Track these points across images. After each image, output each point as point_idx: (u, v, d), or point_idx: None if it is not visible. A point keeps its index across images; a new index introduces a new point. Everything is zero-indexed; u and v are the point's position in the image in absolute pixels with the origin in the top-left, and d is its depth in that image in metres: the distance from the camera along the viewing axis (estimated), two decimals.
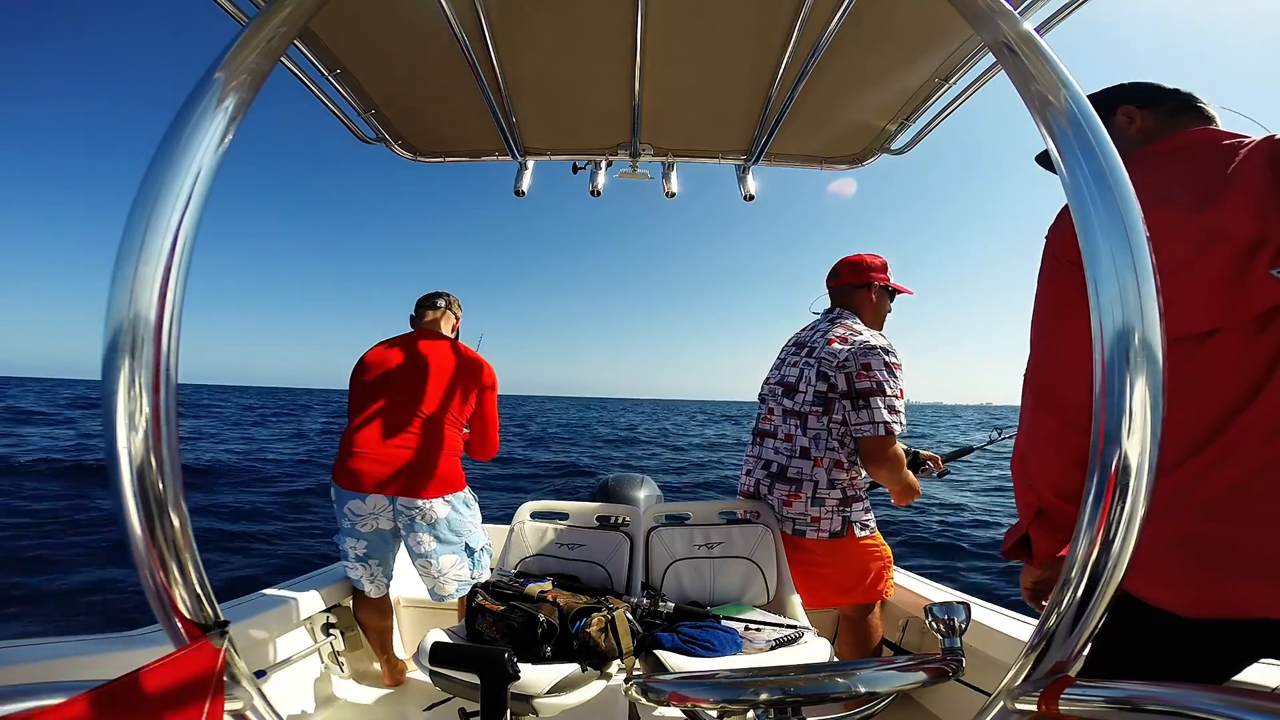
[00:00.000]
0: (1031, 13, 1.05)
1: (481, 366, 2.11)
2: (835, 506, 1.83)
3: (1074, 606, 0.44)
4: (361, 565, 1.96)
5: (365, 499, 1.89)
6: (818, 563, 1.87)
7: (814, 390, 1.85)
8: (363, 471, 1.88)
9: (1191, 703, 0.37)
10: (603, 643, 1.44)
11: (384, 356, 2.04)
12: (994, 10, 0.51)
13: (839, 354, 1.83)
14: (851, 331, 1.88)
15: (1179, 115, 0.95)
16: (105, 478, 0.42)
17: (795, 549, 1.89)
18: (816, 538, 1.83)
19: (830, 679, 0.53)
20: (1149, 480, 0.41)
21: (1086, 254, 0.43)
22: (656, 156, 1.77)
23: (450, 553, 1.95)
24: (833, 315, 2.00)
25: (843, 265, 2.04)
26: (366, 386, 2.00)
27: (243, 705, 0.48)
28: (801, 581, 1.93)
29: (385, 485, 1.88)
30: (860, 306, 2.00)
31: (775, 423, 1.97)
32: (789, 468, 1.88)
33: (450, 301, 2.24)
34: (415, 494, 1.89)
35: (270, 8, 0.51)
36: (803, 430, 1.87)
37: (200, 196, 0.44)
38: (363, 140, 1.64)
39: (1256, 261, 0.73)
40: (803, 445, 1.87)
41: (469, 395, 2.06)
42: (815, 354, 1.89)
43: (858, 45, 1.27)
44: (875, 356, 1.80)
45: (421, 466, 1.92)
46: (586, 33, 1.26)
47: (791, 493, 1.86)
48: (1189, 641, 0.80)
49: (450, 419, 2.01)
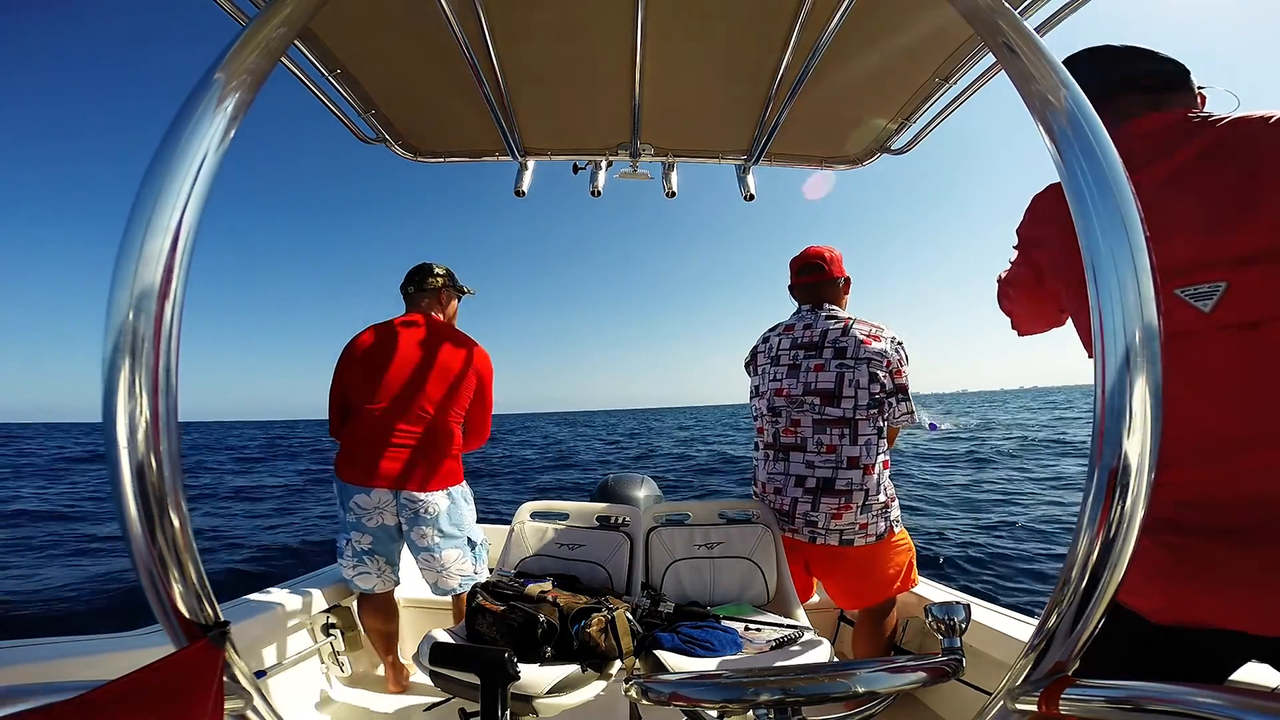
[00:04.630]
0: (1031, 13, 1.05)
1: (479, 354, 2.08)
2: (880, 510, 1.81)
3: (1074, 606, 0.43)
4: (368, 560, 1.91)
5: (370, 493, 1.87)
6: (862, 568, 1.84)
7: (868, 394, 1.80)
8: (367, 465, 1.86)
9: (1192, 703, 0.37)
10: (603, 643, 1.44)
11: (382, 344, 1.98)
12: (994, 10, 0.51)
13: (885, 353, 1.81)
14: (873, 326, 1.87)
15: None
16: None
17: (838, 559, 1.83)
18: (864, 544, 1.79)
19: (830, 679, 0.54)
20: (1149, 480, 0.41)
21: (1086, 254, 0.43)
22: (657, 156, 1.77)
23: (454, 546, 1.93)
24: (827, 310, 1.95)
25: (824, 259, 1.98)
26: (365, 375, 1.95)
27: (243, 705, 0.48)
28: (843, 587, 1.92)
29: (389, 478, 1.86)
30: (838, 298, 1.99)
31: (805, 434, 1.86)
32: (835, 480, 1.80)
33: (445, 278, 2.13)
34: (419, 487, 1.88)
35: (270, 8, 0.51)
36: (851, 438, 1.80)
37: (200, 197, 0.44)
38: (363, 140, 1.64)
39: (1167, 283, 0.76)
40: (850, 455, 1.79)
41: (469, 386, 2.03)
42: (852, 354, 1.82)
43: (858, 45, 1.27)
44: (904, 350, 1.86)
45: (425, 459, 1.90)
46: (587, 32, 1.26)
47: (841, 505, 1.79)
48: (1160, 646, 0.82)
49: (452, 411, 1.99)
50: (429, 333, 2.02)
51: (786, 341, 1.97)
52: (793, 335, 1.97)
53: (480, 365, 2.07)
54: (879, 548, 1.81)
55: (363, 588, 1.95)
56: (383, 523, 1.90)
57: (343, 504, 1.91)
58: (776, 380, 1.94)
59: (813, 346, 1.90)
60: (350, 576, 1.94)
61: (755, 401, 2.04)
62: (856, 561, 1.83)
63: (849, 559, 1.82)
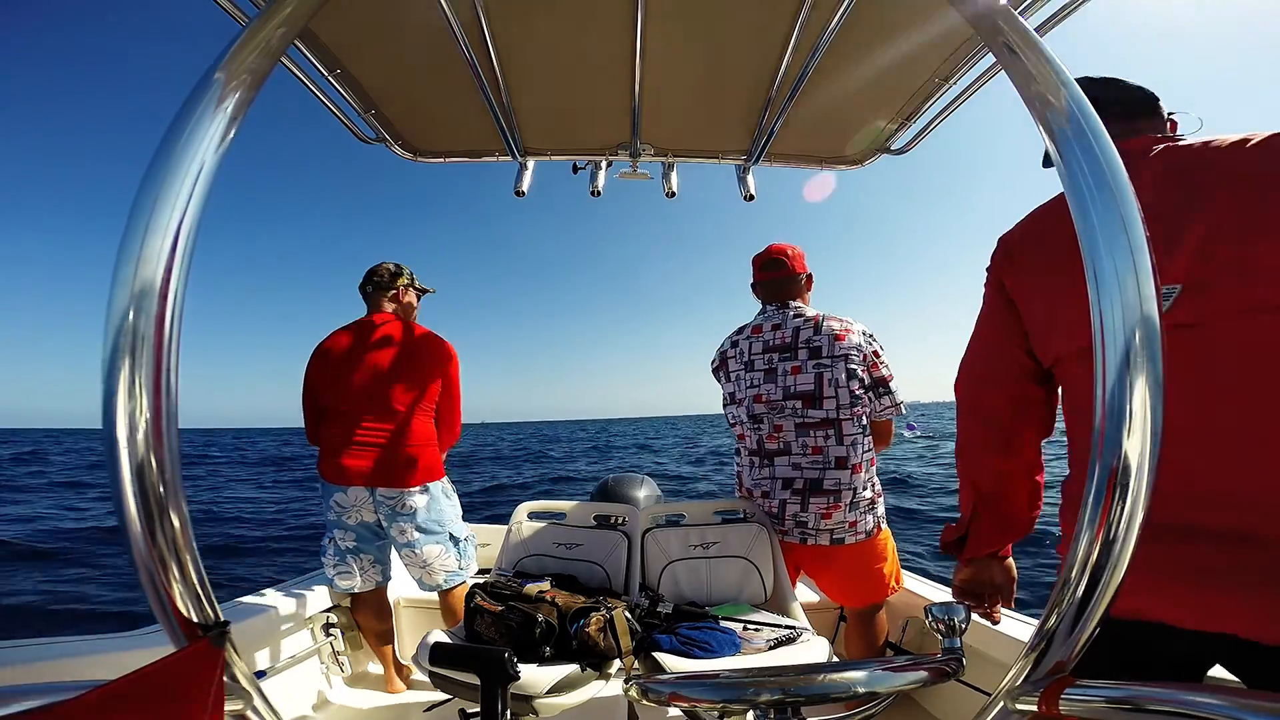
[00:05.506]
0: (1032, 13, 1.05)
1: (444, 348, 2.09)
2: (868, 507, 1.81)
3: (1074, 606, 0.43)
4: (351, 559, 1.94)
5: (347, 491, 1.91)
6: (855, 566, 1.84)
7: (848, 392, 1.78)
8: (342, 464, 1.90)
9: (1192, 703, 0.37)
10: (601, 642, 1.44)
11: (347, 345, 2.01)
12: (994, 10, 0.51)
13: (859, 346, 1.80)
14: (843, 321, 1.84)
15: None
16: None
17: (830, 558, 1.83)
18: (854, 542, 1.80)
19: (830, 679, 0.53)
20: (1149, 480, 0.41)
21: (1087, 254, 0.43)
22: (656, 156, 1.77)
23: (434, 542, 1.95)
24: (794, 309, 1.91)
25: (787, 255, 1.94)
26: (332, 378, 1.98)
27: (243, 706, 0.48)
28: (836, 586, 1.92)
29: (364, 476, 1.90)
30: (801, 294, 1.97)
31: (788, 438, 1.84)
32: (823, 480, 1.79)
33: (397, 276, 2.13)
34: (393, 484, 1.90)
35: (270, 8, 0.51)
36: (837, 438, 1.79)
37: (200, 197, 0.44)
38: (363, 140, 1.64)
39: None
40: (838, 455, 1.79)
41: (436, 380, 2.05)
42: (828, 353, 1.80)
43: (858, 45, 1.27)
44: (877, 342, 1.84)
45: (397, 456, 1.92)
46: (587, 32, 1.26)
47: (830, 504, 1.79)
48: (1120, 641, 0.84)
49: (421, 407, 2.00)
50: (391, 330, 2.04)
51: (758, 344, 1.92)
52: (763, 337, 1.91)
53: (444, 358, 2.08)
54: (869, 544, 1.82)
55: (342, 586, 1.97)
56: (362, 519, 1.93)
57: (325, 503, 1.95)
58: (754, 386, 1.90)
59: (786, 348, 1.86)
60: (331, 576, 1.97)
61: (732, 409, 1.99)
62: (848, 560, 1.83)
63: (841, 557, 1.83)
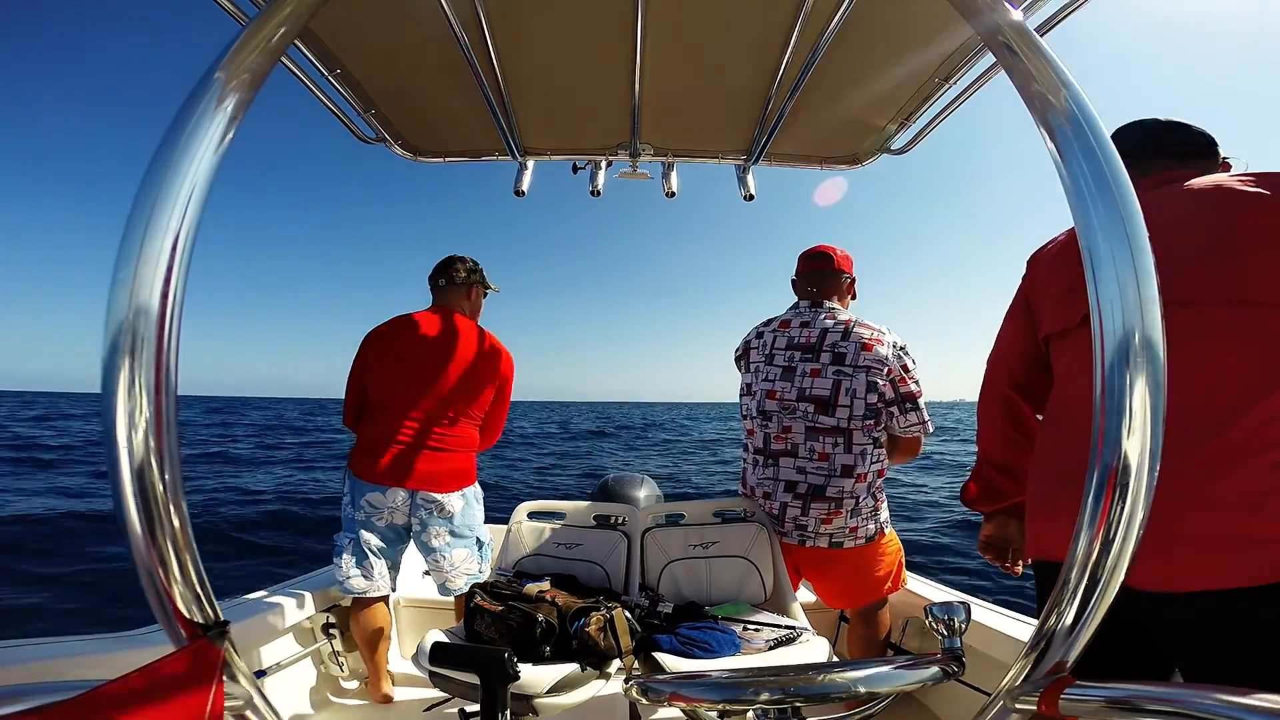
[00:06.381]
0: (1032, 13, 1.05)
1: (505, 359, 2.05)
2: (870, 513, 1.80)
3: (1074, 606, 0.44)
4: (374, 561, 1.83)
5: (385, 491, 1.84)
6: (852, 570, 1.84)
7: (864, 404, 1.74)
8: (389, 463, 1.83)
9: (1192, 702, 0.37)
10: (601, 642, 1.44)
11: (408, 338, 1.93)
12: (994, 10, 0.51)
13: (885, 360, 1.74)
14: (875, 331, 1.79)
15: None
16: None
17: (828, 561, 1.83)
18: (854, 546, 1.79)
19: (830, 679, 0.54)
20: (1149, 480, 0.41)
21: (1086, 254, 0.43)
22: (656, 156, 1.77)
23: (464, 546, 1.92)
24: (827, 310, 1.87)
25: (835, 253, 1.92)
26: (391, 370, 1.91)
27: (243, 705, 0.48)
28: (833, 588, 1.93)
29: (408, 478, 1.83)
30: (841, 293, 1.93)
31: (796, 440, 1.81)
32: (827, 487, 1.77)
33: (473, 274, 2.08)
34: (438, 488, 1.86)
35: (270, 8, 0.51)
36: (845, 447, 1.76)
37: (200, 197, 0.44)
38: (363, 140, 1.64)
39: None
40: (845, 463, 1.76)
41: (490, 388, 2.02)
42: (851, 361, 1.75)
43: (858, 45, 1.27)
44: (909, 356, 1.79)
45: (444, 460, 1.89)
46: (587, 32, 1.26)
47: (831, 510, 1.77)
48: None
49: (471, 413, 1.97)
50: (457, 331, 1.97)
51: (782, 340, 1.89)
52: (789, 333, 1.89)
53: (505, 369, 2.05)
54: (869, 549, 1.81)
55: (356, 590, 1.83)
56: (392, 522, 1.87)
57: (354, 501, 1.86)
58: (769, 381, 1.87)
59: (810, 349, 1.82)
60: (343, 578, 1.82)
61: (745, 400, 1.97)
62: (846, 563, 1.83)
63: (839, 561, 1.82)
